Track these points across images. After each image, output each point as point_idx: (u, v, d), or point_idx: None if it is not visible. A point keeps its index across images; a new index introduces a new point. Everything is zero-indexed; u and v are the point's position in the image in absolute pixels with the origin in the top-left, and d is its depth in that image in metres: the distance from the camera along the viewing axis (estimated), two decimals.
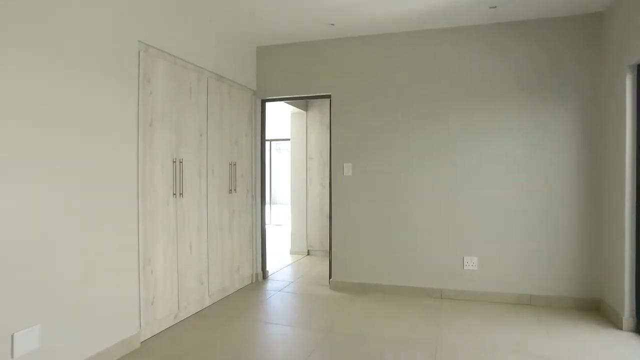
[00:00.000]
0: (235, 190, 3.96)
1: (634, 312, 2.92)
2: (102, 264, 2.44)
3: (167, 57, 3.03)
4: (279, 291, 4.02)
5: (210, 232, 3.56)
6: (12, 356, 1.91)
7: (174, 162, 3.08)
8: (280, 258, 5.63)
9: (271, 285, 4.26)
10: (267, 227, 4.58)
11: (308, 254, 5.89)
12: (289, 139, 6.55)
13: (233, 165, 3.94)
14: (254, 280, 4.35)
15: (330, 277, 4.16)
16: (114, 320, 2.53)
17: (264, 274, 4.48)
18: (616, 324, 3.02)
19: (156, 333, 2.90)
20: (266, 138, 4.59)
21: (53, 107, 2.12)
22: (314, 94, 4.22)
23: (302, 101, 5.77)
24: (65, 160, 2.20)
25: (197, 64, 3.38)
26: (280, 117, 7.03)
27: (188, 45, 3.27)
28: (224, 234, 3.78)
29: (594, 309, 3.38)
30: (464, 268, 3.72)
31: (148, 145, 2.82)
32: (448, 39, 3.76)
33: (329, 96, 4.16)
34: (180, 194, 3.14)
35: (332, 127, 4.14)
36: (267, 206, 4.79)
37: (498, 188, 3.63)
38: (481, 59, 3.67)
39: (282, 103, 5.38)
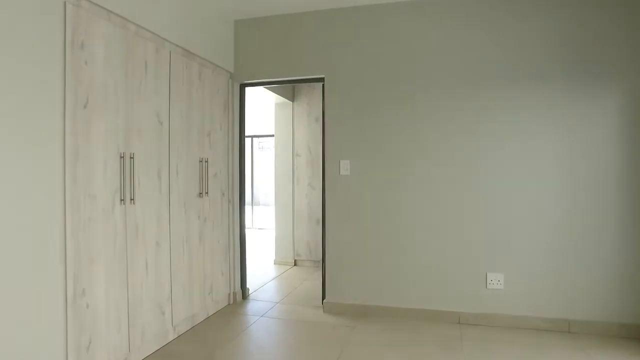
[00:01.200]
0: (206, 193, 3.22)
1: None
2: (6, 302, 1.68)
3: (112, 17, 2.27)
4: (262, 316, 3.29)
5: (173, 247, 2.81)
6: None
7: (121, 157, 2.33)
8: (263, 270, 4.90)
9: (252, 307, 3.53)
10: (248, 232, 3.85)
11: (295, 265, 5.18)
12: (272, 135, 5.82)
13: (204, 162, 3.19)
14: (231, 301, 3.62)
15: (323, 297, 3.46)
16: None
17: (244, 293, 3.75)
18: None
19: None
20: (247, 134, 3.87)
21: None
22: (304, 77, 3.51)
23: (288, 90, 5.05)
24: None
25: (156, 32, 2.63)
26: (263, 109, 6.29)
27: (143, 6, 2.51)
28: (192, 248, 3.04)
29: None
30: (487, 287, 3.08)
31: (82, 133, 2.06)
32: (465, 7, 3.10)
33: (321, 79, 3.45)
34: (130, 199, 2.39)
35: (325, 117, 3.43)
36: (248, 207, 4.12)
37: (529, 192, 3.00)
38: (509, 34, 3.03)
39: (265, 92, 4.65)
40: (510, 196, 3.03)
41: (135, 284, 2.44)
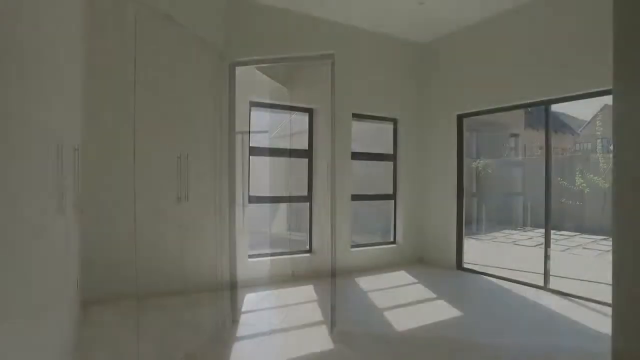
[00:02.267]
0: (186, 197, 2.56)
1: None
2: None
3: None
4: (256, 347, 2.64)
5: None
6: None
7: (59, 149, 1.66)
8: (257, 284, 4.23)
9: (244, 336, 2.87)
10: (238, 237, 3.17)
11: (292, 274, 4.54)
12: (266, 132, 5.17)
13: (184, 158, 2.54)
14: (219, 328, 2.95)
15: (333, 323, 2.83)
16: None
17: (234, 316, 3.10)
18: None
19: None
20: (239, 130, 3.23)
21: None
22: (311, 55, 2.87)
23: (283, 78, 4.40)
24: None
25: None
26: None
27: None
28: (170, 265, 2.38)
29: None
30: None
31: None
32: None
33: (331, 56, 2.81)
34: (77, 206, 1.73)
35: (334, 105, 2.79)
36: (238, 208, 3.51)
37: None
38: None
39: (258, 82, 4.00)
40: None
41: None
